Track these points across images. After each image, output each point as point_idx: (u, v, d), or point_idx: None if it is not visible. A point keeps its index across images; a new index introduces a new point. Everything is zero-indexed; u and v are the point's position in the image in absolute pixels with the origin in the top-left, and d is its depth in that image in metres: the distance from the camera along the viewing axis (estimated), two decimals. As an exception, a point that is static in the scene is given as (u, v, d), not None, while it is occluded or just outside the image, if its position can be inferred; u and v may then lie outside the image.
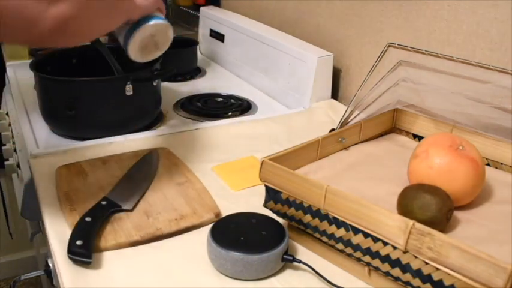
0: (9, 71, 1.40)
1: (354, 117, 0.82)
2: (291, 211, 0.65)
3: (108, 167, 0.85)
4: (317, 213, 0.62)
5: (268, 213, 0.68)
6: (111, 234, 0.68)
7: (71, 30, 0.64)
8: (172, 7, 1.80)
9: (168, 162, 0.87)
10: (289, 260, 0.63)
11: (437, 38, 0.92)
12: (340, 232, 0.60)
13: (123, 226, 0.70)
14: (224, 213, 0.74)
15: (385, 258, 0.56)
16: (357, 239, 0.59)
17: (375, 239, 0.57)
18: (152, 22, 0.80)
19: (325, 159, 0.77)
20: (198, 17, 1.60)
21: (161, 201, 0.76)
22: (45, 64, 1.02)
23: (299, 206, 0.64)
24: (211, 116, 1.12)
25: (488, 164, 0.77)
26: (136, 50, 0.83)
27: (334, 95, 1.17)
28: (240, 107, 1.17)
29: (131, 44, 0.82)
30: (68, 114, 0.95)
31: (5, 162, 1.40)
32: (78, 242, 0.64)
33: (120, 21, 0.76)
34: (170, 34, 0.87)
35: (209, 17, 1.51)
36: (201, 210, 0.74)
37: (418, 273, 0.54)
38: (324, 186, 0.60)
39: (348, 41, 1.14)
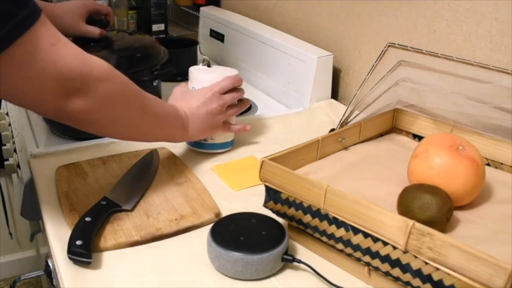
0: (9, 71, 1.39)
1: (354, 117, 0.82)
2: (291, 211, 0.65)
3: (108, 167, 0.85)
4: (317, 213, 0.62)
5: (268, 213, 0.68)
6: (111, 234, 0.68)
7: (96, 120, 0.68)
8: (172, 7, 1.80)
9: (168, 162, 0.87)
10: (289, 260, 0.63)
11: (437, 38, 0.92)
12: (340, 232, 0.60)
13: (123, 226, 0.70)
14: (224, 213, 0.74)
15: (385, 258, 0.56)
16: (357, 239, 0.59)
17: (375, 239, 0.57)
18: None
19: (325, 159, 0.77)
20: (198, 17, 1.60)
21: (161, 201, 0.76)
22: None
23: (299, 206, 0.64)
24: (211, 116, 1.11)
25: (488, 164, 0.77)
26: None
27: (334, 95, 1.17)
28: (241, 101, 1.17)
29: None
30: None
31: (5, 162, 1.41)
32: (78, 242, 0.64)
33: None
34: None
35: (209, 17, 1.51)
36: (201, 210, 0.74)
37: (418, 273, 0.54)
38: (324, 186, 0.60)
39: (348, 41, 1.14)
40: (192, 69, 0.91)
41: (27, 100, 0.61)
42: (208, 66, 0.92)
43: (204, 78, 0.88)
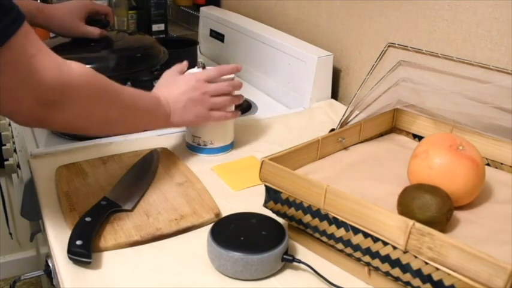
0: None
1: (354, 117, 0.82)
2: (291, 211, 0.65)
3: (108, 167, 0.85)
4: (317, 213, 0.62)
5: (268, 213, 0.68)
6: (111, 234, 0.68)
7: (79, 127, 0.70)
8: (172, 7, 1.80)
9: (168, 162, 0.87)
10: (289, 260, 0.63)
11: (437, 38, 0.92)
12: (340, 232, 0.60)
13: (123, 226, 0.70)
14: (224, 213, 0.74)
15: (385, 258, 0.56)
16: (357, 239, 0.59)
17: (375, 239, 0.57)
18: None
19: (325, 159, 0.77)
20: (198, 17, 1.60)
21: (161, 201, 0.76)
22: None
23: (299, 206, 0.64)
24: (211, 116, 1.11)
25: (488, 164, 0.77)
26: None
27: (334, 95, 1.17)
28: (240, 107, 1.17)
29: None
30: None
31: (5, 162, 1.41)
32: (78, 242, 0.64)
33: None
34: None
35: (209, 17, 1.51)
36: (201, 210, 0.74)
37: (418, 273, 0.54)
38: (324, 186, 0.60)
39: (348, 41, 1.14)
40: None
41: (6, 109, 0.60)
42: (204, 69, 0.92)
43: None
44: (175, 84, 0.85)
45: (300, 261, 0.63)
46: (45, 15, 1.02)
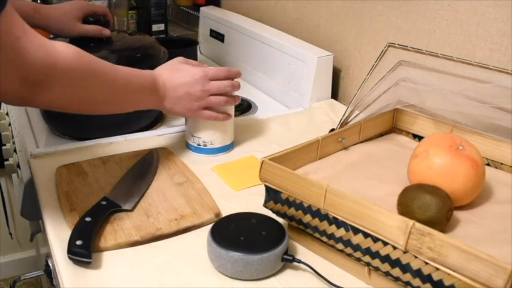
0: (9, 71, 1.39)
1: (354, 117, 0.82)
2: (291, 211, 0.65)
3: (108, 167, 0.85)
4: (317, 213, 0.62)
5: (268, 213, 0.68)
6: (111, 234, 0.68)
7: (64, 107, 0.71)
8: (172, 7, 1.80)
9: (168, 162, 0.87)
10: (289, 260, 0.63)
11: (437, 38, 0.92)
12: (340, 232, 0.60)
13: (123, 226, 0.70)
14: (224, 213, 0.74)
15: (385, 258, 0.56)
16: (357, 239, 0.59)
17: (375, 239, 0.57)
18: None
19: (325, 159, 0.77)
20: (198, 17, 1.60)
21: (161, 201, 0.76)
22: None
23: (299, 206, 0.64)
24: (211, 116, 1.11)
25: (488, 164, 0.77)
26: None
27: (334, 95, 1.17)
28: (240, 107, 1.17)
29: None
30: (68, 114, 0.94)
31: (5, 162, 1.41)
32: (78, 242, 0.64)
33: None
34: None
35: (209, 17, 1.51)
36: (201, 210, 0.74)
37: (418, 273, 0.54)
38: (324, 186, 0.60)
39: (348, 41, 1.14)
40: None
41: None
42: None
43: None
44: (180, 72, 0.85)
45: (300, 261, 0.63)
46: (42, 15, 1.02)
